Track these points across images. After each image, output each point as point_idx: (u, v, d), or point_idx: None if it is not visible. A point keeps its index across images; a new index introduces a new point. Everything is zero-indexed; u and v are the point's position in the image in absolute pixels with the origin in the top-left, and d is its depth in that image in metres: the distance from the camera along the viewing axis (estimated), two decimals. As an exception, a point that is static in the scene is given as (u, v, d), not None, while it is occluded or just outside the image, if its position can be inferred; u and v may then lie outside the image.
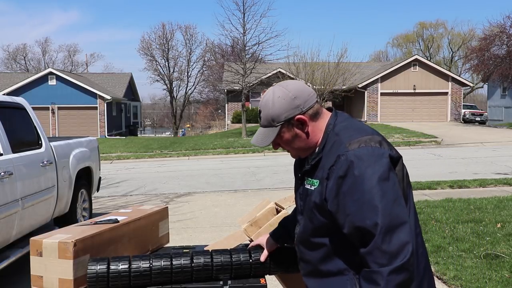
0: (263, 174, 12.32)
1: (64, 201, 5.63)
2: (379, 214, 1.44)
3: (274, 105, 1.63)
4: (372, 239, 1.44)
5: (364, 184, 1.46)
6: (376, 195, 1.45)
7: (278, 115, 1.63)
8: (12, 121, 4.84)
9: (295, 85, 1.67)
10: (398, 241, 1.43)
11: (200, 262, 2.04)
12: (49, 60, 61.15)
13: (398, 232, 1.43)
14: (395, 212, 1.45)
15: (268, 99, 1.65)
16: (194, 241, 5.87)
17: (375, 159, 1.49)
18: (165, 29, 50.78)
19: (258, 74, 26.14)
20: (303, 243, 1.71)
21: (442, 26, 58.37)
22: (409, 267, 1.43)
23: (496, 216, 6.31)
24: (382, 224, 1.43)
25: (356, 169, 1.48)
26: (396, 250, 1.42)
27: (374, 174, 1.47)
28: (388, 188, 1.47)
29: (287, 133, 1.65)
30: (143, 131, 47.48)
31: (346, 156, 1.50)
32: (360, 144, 1.52)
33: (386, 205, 1.45)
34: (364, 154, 1.50)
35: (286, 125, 1.64)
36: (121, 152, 19.94)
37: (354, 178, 1.48)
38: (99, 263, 1.99)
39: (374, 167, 1.48)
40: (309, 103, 1.63)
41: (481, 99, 57.25)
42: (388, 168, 1.50)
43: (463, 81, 32.77)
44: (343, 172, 1.49)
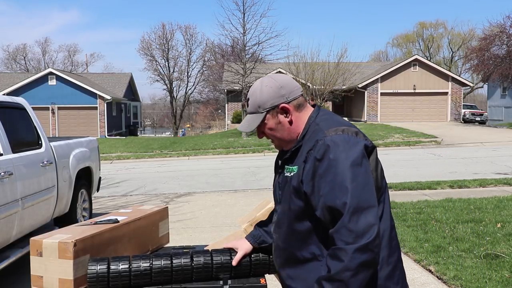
0: (263, 174, 12.32)
1: (64, 201, 5.63)
2: (348, 195, 1.51)
3: (261, 93, 1.74)
4: (340, 218, 1.51)
5: (337, 167, 1.55)
6: (348, 177, 1.53)
7: (265, 102, 1.73)
8: (12, 121, 4.84)
9: (282, 77, 1.78)
10: (364, 222, 1.49)
11: (200, 261, 2.04)
12: (49, 60, 61.21)
13: (365, 213, 1.51)
14: (364, 195, 1.53)
15: (257, 87, 1.77)
16: (194, 241, 5.87)
17: (350, 146, 1.58)
18: (165, 29, 50.82)
19: (258, 74, 26.10)
20: (280, 228, 1.77)
21: (442, 26, 58.44)
22: (374, 248, 1.49)
23: (496, 216, 6.31)
24: (350, 204, 1.50)
25: (332, 153, 1.57)
26: (362, 230, 1.48)
27: (347, 159, 1.55)
28: (360, 173, 1.55)
29: (271, 120, 1.75)
30: (143, 131, 47.48)
31: (323, 140, 1.60)
32: (337, 131, 1.62)
33: (356, 188, 1.53)
34: (340, 140, 1.59)
35: (271, 112, 1.74)
36: (121, 152, 19.94)
37: (329, 161, 1.57)
38: (99, 263, 1.99)
39: (348, 152, 1.57)
40: (294, 95, 1.75)
41: (481, 99, 57.25)
42: (361, 155, 1.58)
43: (463, 81, 32.77)
44: (320, 156, 1.59)
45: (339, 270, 1.49)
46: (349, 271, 1.48)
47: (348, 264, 1.47)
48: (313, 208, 1.62)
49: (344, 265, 1.48)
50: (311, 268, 1.66)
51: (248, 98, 1.79)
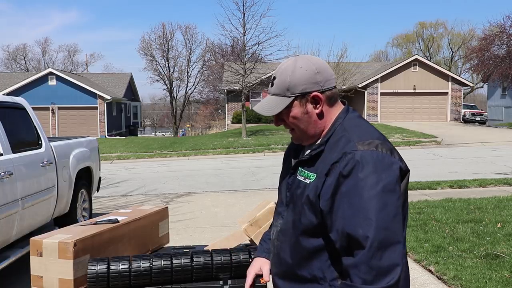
0: (263, 174, 12.31)
1: (64, 201, 5.63)
2: (373, 226, 1.30)
3: (294, 74, 1.48)
4: (361, 251, 1.31)
5: (366, 190, 1.33)
6: (376, 205, 1.32)
7: (296, 85, 1.47)
8: (12, 121, 4.84)
9: (320, 61, 1.52)
10: (388, 260, 1.30)
11: (200, 261, 2.04)
12: (49, 60, 61.20)
13: (390, 250, 1.31)
14: (392, 228, 1.32)
15: (288, 67, 1.50)
16: (194, 241, 5.87)
17: (384, 167, 1.36)
18: (165, 29, 50.82)
19: (258, 74, 26.11)
20: (284, 236, 1.56)
21: (442, 26, 58.43)
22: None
23: (496, 216, 6.31)
24: (375, 238, 1.30)
25: (361, 171, 1.35)
26: (384, 270, 1.29)
27: (379, 182, 1.33)
28: (391, 201, 1.34)
29: (297, 108, 1.49)
30: (143, 131, 47.47)
31: (353, 155, 1.37)
32: (370, 147, 1.39)
33: (383, 219, 1.31)
34: (373, 159, 1.36)
35: (300, 98, 1.48)
36: (121, 152, 19.94)
37: (356, 180, 1.35)
38: (99, 263, 1.99)
39: (381, 174, 1.35)
40: (330, 84, 1.50)
41: (481, 99, 57.24)
42: (395, 180, 1.36)
43: (463, 81, 32.76)
44: (347, 172, 1.36)
45: None
46: None
47: None
48: (326, 228, 1.42)
49: None
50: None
51: (275, 77, 1.52)
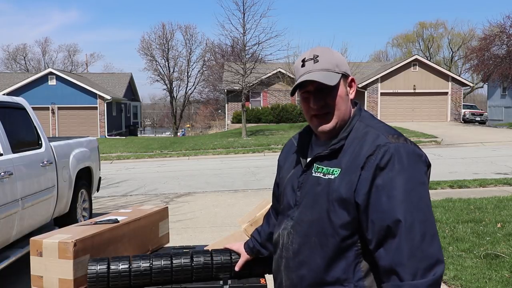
0: (263, 174, 12.31)
1: (64, 201, 5.63)
2: (415, 219, 1.30)
3: (336, 55, 1.50)
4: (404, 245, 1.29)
5: (404, 183, 1.33)
6: (414, 198, 1.32)
7: (343, 63, 1.50)
8: (12, 121, 4.84)
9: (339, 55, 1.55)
10: (433, 253, 1.29)
11: (200, 261, 2.04)
12: (49, 60, 61.21)
13: (433, 243, 1.30)
14: (430, 220, 1.33)
15: (327, 49, 1.51)
16: (194, 241, 5.87)
17: (416, 159, 1.37)
18: (165, 29, 50.80)
19: (258, 74, 26.13)
20: (301, 238, 1.47)
21: (442, 26, 58.43)
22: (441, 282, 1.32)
23: (496, 216, 6.31)
24: (417, 231, 1.29)
25: (398, 163, 1.34)
26: (431, 262, 1.28)
27: (415, 175, 1.35)
28: (425, 193, 1.36)
29: (342, 87, 1.48)
30: (143, 131, 47.47)
31: (388, 147, 1.37)
32: (399, 139, 1.40)
33: (423, 211, 1.32)
34: (406, 151, 1.37)
35: (344, 78, 1.49)
36: (121, 152, 19.94)
37: (394, 173, 1.34)
38: (99, 263, 1.99)
39: (415, 167, 1.36)
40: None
41: (481, 99, 57.25)
42: (425, 172, 1.39)
43: (463, 81, 32.77)
44: (384, 164, 1.35)
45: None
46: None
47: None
48: (359, 224, 1.38)
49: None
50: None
51: (317, 55, 1.48)
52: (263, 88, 32.34)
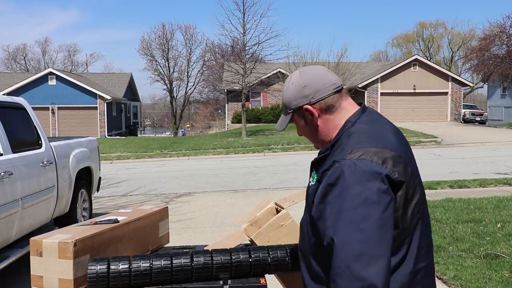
0: (263, 174, 12.32)
1: (64, 201, 5.63)
2: (352, 238, 1.27)
3: (287, 91, 1.58)
4: (336, 263, 1.28)
5: (347, 201, 1.31)
6: (356, 217, 1.29)
7: (290, 101, 1.56)
8: (12, 121, 4.85)
9: (312, 73, 1.55)
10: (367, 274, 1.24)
11: (200, 261, 2.04)
12: (49, 60, 61.20)
13: (371, 265, 1.25)
14: (372, 242, 1.27)
15: (285, 85, 1.60)
16: (194, 241, 5.87)
17: (368, 177, 1.32)
18: (165, 29, 50.80)
19: (258, 74, 26.13)
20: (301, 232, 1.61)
21: (442, 26, 58.43)
22: None
23: (496, 216, 6.31)
24: (353, 250, 1.26)
25: (345, 181, 1.33)
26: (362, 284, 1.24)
27: (361, 193, 1.31)
28: (374, 212, 1.29)
29: (299, 121, 1.58)
30: (143, 131, 47.46)
31: (340, 164, 1.37)
32: (360, 155, 1.36)
33: (364, 230, 1.28)
34: (358, 168, 1.34)
35: (298, 113, 1.56)
36: (121, 152, 19.94)
37: (340, 189, 1.33)
38: (99, 263, 1.99)
39: (365, 184, 1.32)
40: (321, 94, 1.51)
41: (481, 99, 57.25)
42: (379, 191, 1.31)
43: (463, 81, 32.77)
44: (332, 181, 1.36)
45: None
46: None
47: None
48: (318, 234, 1.41)
49: None
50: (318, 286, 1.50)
51: None
52: (263, 88, 32.35)
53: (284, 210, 2.37)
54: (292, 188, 9.87)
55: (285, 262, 2.11)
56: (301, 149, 18.23)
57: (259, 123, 31.67)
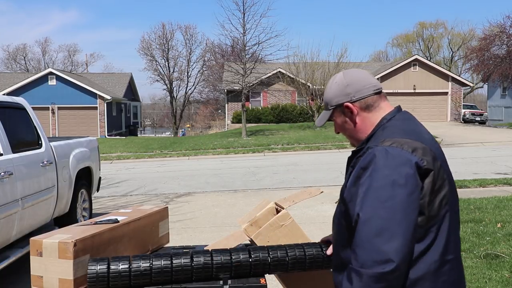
0: (263, 174, 12.32)
1: (64, 201, 5.63)
2: (376, 214, 1.38)
3: (330, 89, 1.71)
4: (359, 236, 1.40)
5: (376, 181, 1.42)
6: (383, 196, 1.40)
7: (331, 99, 1.70)
8: (12, 121, 4.84)
9: (355, 74, 1.69)
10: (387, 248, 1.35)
11: (200, 261, 2.04)
12: (49, 60, 61.19)
13: (391, 240, 1.35)
14: (396, 220, 1.37)
15: (329, 84, 1.74)
16: (194, 241, 5.87)
17: (397, 162, 1.43)
18: (165, 29, 50.77)
19: (258, 74, 26.12)
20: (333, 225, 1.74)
21: (442, 26, 58.42)
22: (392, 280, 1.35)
23: (496, 216, 6.31)
24: (376, 225, 1.37)
25: (376, 164, 1.45)
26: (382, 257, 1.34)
27: (389, 176, 1.41)
28: (398, 194, 1.39)
29: (338, 118, 1.71)
30: (143, 131, 47.45)
31: (373, 149, 1.49)
32: (392, 143, 1.48)
33: (388, 209, 1.38)
34: (389, 153, 1.45)
35: (338, 110, 1.70)
36: (121, 152, 19.94)
37: (371, 171, 1.45)
38: (99, 263, 1.99)
39: (393, 168, 1.42)
40: (361, 94, 1.64)
41: (481, 99, 57.24)
42: (407, 175, 1.41)
43: (463, 81, 32.78)
44: (364, 165, 1.48)
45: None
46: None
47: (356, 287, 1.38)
48: (350, 217, 1.51)
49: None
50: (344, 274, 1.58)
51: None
52: (263, 88, 32.34)
53: (284, 210, 2.37)
54: (292, 188, 9.87)
55: (285, 262, 2.11)
56: (301, 149, 18.23)
57: (259, 123, 31.67)
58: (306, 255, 2.11)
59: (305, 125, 28.09)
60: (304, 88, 27.46)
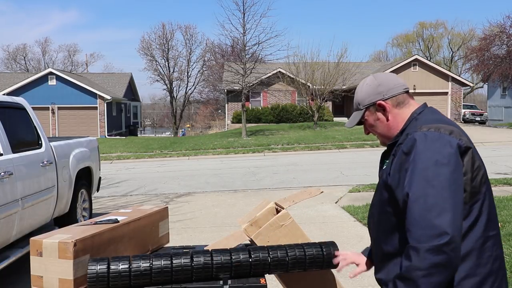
0: (263, 174, 12.32)
1: (64, 201, 5.63)
2: (425, 193, 1.48)
3: (362, 91, 1.83)
4: (412, 214, 1.48)
5: (421, 162, 1.52)
6: (429, 175, 1.49)
7: (364, 98, 1.81)
8: (12, 121, 4.84)
9: (385, 76, 1.84)
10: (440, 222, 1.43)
11: (200, 261, 2.04)
12: (49, 60, 61.19)
13: (442, 214, 1.44)
14: (444, 196, 1.47)
15: (359, 86, 1.86)
16: (194, 241, 5.87)
17: (438, 143, 1.54)
18: (165, 29, 50.77)
19: (258, 74, 26.12)
20: (371, 218, 1.82)
21: (442, 26, 58.42)
22: (449, 251, 1.42)
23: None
24: (427, 202, 1.46)
25: (417, 147, 1.55)
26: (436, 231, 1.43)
27: (432, 156, 1.51)
28: (443, 172, 1.49)
29: (370, 117, 1.82)
30: (143, 131, 47.44)
31: (413, 135, 1.59)
32: (430, 128, 1.59)
33: (435, 186, 1.48)
34: (428, 137, 1.56)
35: (370, 109, 1.80)
36: (121, 152, 19.94)
37: (414, 155, 1.54)
38: (99, 263, 1.99)
39: (435, 149, 1.53)
40: (393, 92, 1.77)
41: (481, 99, 57.24)
42: (449, 154, 1.52)
43: (463, 81, 32.77)
44: (407, 149, 1.58)
45: (409, 269, 1.46)
46: (420, 270, 1.43)
47: (418, 263, 1.44)
48: (397, 203, 1.60)
49: (414, 264, 1.44)
50: (395, 262, 1.66)
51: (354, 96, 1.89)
52: (263, 88, 32.35)
53: (284, 210, 2.37)
54: (292, 188, 9.87)
55: (285, 262, 2.11)
56: (301, 149, 18.24)
57: (259, 123, 31.67)
58: (306, 255, 2.11)
59: (305, 125, 28.09)
60: (304, 88, 27.46)
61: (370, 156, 15.45)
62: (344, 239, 5.65)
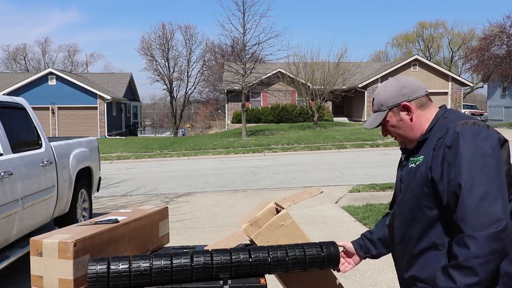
0: (263, 174, 12.32)
1: (64, 201, 5.63)
2: (475, 183, 1.52)
3: (385, 92, 1.85)
4: (465, 205, 1.52)
5: (466, 154, 1.57)
6: (477, 166, 1.54)
7: (387, 100, 1.84)
8: (12, 121, 4.85)
9: (407, 78, 1.87)
10: (495, 209, 1.49)
11: (200, 261, 2.04)
12: (49, 60, 61.19)
13: (495, 202, 1.50)
14: (493, 184, 1.52)
15: (381, 87, 1.89)
16: (194, 241, 5.88)
17: (481, 137, 1.59)
18: (165, 29, 50.78)
19: (258, 74, 26.13)
20: (399, 216, 1.83)
21: (442, 26, 58.42)
22: (504, 237, 1.47)
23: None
24: (478, 191, 1.51)
25: (462, 140, 1.59)
26: (492, 218, 1.48)
27: (477, 148, 1.57)
28: (490, 163, 1.55)
29: (393, 118, 1.84)
30: (143, 131, 47.45)
31: (454, 129, 1.63)
32: (467, 123, 1.64)
33: (485, 176, 1.53)
34: (471, 130, 1.61)
35: (393, 110, 1.83)
36: (121, 152, 19.94)
37: (458, 148, 1.59)
38: (99, 263, 1.99)
39: (479, 142, 1.58)
40: (417, 94, 1.81)
41: (481, 99, 57.25)
42: (492, 146, 1.58)
43: (463, 81, 32.76)
44: (450, 143, 1.61)
45: (468, 257, 1.48)
46: (479, 258, 1.47)
47: (478, 251, 1.47)
48: (439, 195, 1.64)
49: (473, 252, 1.48)
50: (429, 257, 1.69)
51: (374, 98, 1.91)
52: (263, 88, 32.35)
53: (284, 210, 2.36)
54: (292, 188, 9.87)
55: (285, 262, 2.10)
56: (301, 149, 18.24)
57: (259, 123, 31.68)
58: (306, 255, 2.11)
59: (305, 125, 28.09)
60: (304, 88, 27.46)
61: (370, 156, 15.45)
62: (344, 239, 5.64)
